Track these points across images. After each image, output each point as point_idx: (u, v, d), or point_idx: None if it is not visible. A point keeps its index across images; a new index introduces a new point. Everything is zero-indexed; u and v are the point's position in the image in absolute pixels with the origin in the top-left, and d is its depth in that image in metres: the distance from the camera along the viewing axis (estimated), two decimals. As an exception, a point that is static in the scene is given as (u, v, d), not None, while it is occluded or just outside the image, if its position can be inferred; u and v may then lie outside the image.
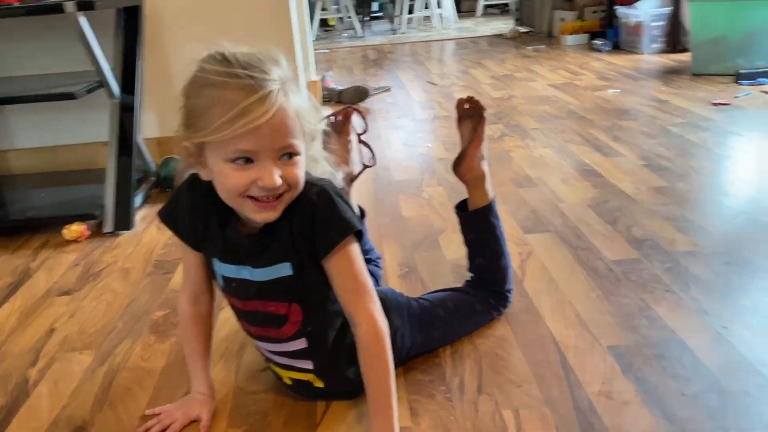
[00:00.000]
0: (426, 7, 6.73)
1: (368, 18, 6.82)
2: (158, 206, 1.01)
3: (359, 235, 0.89)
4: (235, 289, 0.92)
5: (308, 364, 0.95)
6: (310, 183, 0.86)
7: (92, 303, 1.37)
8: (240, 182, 0.80)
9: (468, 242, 1.22)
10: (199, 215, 0.91)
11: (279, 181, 0.80)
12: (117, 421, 0.99)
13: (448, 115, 2.71)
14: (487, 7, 7.65)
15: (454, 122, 1.27)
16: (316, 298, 0.91)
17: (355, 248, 0.88)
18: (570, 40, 4.54)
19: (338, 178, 0.94)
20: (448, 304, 1.11)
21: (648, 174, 1.87)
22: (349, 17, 6.50)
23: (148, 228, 1.75)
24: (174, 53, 2.10)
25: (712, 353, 1.04)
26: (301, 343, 0.93)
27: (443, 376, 1.04)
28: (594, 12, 4.73)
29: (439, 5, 6.45)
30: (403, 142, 2.42)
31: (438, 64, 4.32)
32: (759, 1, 3.01)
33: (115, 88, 1.80)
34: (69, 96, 1.60)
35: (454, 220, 1.29)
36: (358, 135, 1.32)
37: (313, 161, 0.90)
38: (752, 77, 2.91)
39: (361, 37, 6.13)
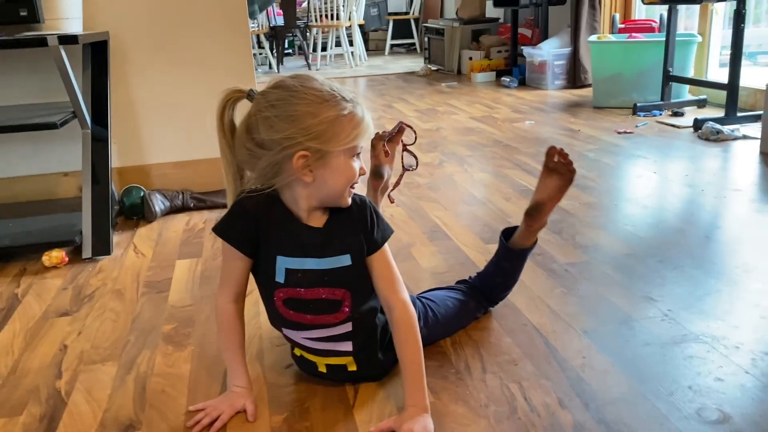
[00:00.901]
0: (338, 45, 7.00)
1: (283, 54, 6.98)
2: (126, 233, 1.11)
3: None
4: (300, 279, 1.05)
5: (348, 347, 1.09)
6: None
7: (96, 321, 1.42)
8: (353, 172, 1.02)
9: (499, 266, 1.34)
10: (253, 224, 1.03)
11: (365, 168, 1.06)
12: (163, 419, 1.07)
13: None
14: (393, 46, 8.03)
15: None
16: (365, 287, 1.07)
17: (389, 250, 1.07)
18: (480, 77, 4.91)
19: None
20: (449, 302, 1.28)
21: (578, 192, 2.13)
22: (262, 53, 6.65)
23: (126, 253, 1.81)
24: (135, 85, 2.17)
25: (662, 329, 1.27)
26: (347, 327, 1.08)
27: (450, 361, 1.20)
28: (499, 52, 5.14)
29: (351, 44, 6.72)
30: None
31: (360, 98, 4.53)
32: (649, 44, 3.45)
33: (88, 118, 1.85)
34: (51, 126, 1.65)
35: (420, 236, 1.46)
36: (405, 145, 1.44)
37: None
38: (647, 109, 3.32)
39: (276, 72, 6.28)
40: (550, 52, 4.26)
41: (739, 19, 2.81)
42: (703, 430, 0.98)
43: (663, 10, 3.65)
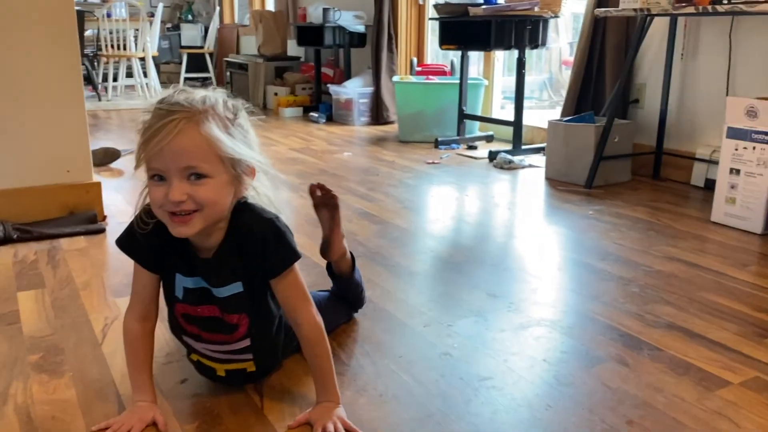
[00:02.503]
0: (129, 76, 6.70)
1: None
2: None
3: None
4: (197, 297, 1.06)
5: (248, 356, 1.13)
6: (259, 215, 1.03)
7: (-59, 359, 1.28)
8: (156, 197, 0.94)
9: (339, 287, 1.44)
10: (157, 239, 1.03)
11: (181, 197, 0.92)
12: (63, 443, 1.02)
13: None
14: (187, 79, 7.88)
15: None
16: (262, 308, 1.10)
17: (297, 269, 1.06)
18: (288, 112, 5.07)
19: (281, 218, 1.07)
20: (326, 299, 1.38)
21: (409, 212, 2.36)
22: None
23: (-50, 288, 1.62)
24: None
25: (510, 318, 1.49)
26: (245, 343, 1.11)
27: (340, 355, 1.29)
28: (303, 89, 5.36)
29: (145, 75, 6.48)
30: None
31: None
32: (446, 85, 3.88)
33: None
34: None
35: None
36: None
37: (254, 190, 1.06)
38: (447, 143, 3.72)
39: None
40: (355, 90, 4.56)
41: (521, 66, 3.31)
42: (561, 390, 1.19)
43: (454, 55, 4.12)
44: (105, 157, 3.16)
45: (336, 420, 1.05)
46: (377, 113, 4.62)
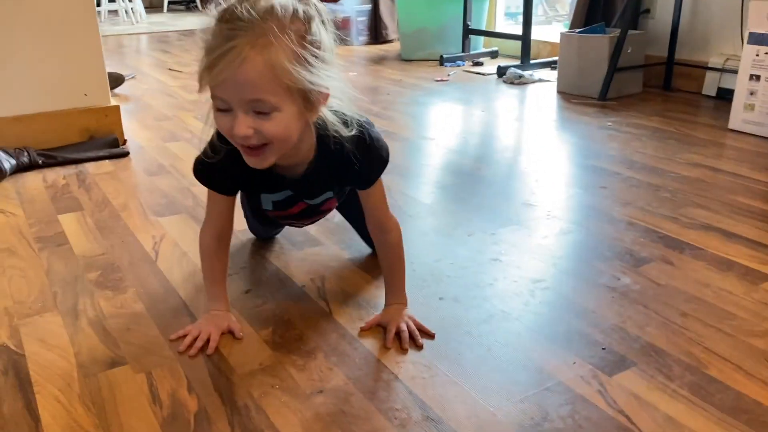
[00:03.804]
0: (111, 1, 6.47)
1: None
2: None
3: None
4: (286, 204, 1.10)
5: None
6: (346, 125, 0.97)
7: (2, 279, 1.29)
8: (223, 127, 0.88)
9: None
10: (236, 168, 0.98)
11: (246, 131, 0.85)
12: (146, 351, 1.05)
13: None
14: (171, 2, 7.62)
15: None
16: (348, 194, 1.17)
17: (381, 179, 1.07)
18: (282, 33, 4.94)
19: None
20: None
21: (429, 129, 2.36)
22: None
23: (-12, 213, 1.62)
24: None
25: (552, 226, 1.53)
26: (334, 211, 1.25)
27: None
28: (297, 8, 5.20)
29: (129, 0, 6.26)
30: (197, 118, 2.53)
31: (164, 54, 4.32)
32: (449, 0, 3.79)
33: None
34: None
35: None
36: None
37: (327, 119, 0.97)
38: (452, 60, 3.67)
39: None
40: (353, 8, 4.44)
41: (529, -22, 3.23)
42: (614, 289, 1.23)
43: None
44: (109, 82, 3.08)
45: (407, 320, 1.09)
46: (376, 32, 4.53)
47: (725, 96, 2.68)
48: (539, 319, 1.13)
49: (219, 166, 1.01)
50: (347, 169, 1.02)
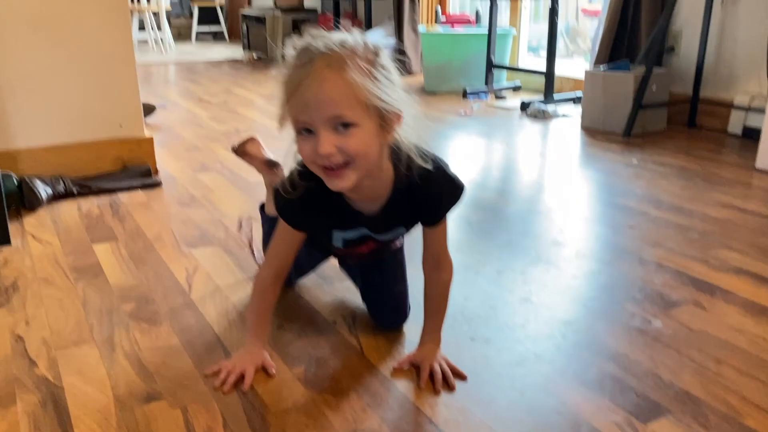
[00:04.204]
0: (141, 29, 6.62)
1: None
2: (11, 223, 1.04)
3: None
4: (358, 242, 1.12)
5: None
6: (427, 166, 0.99)
7: (40, 309, 1.32)
8: (306, 152, 0.91)
9: None
10: (314, 203, 1.01)
11: (330, 148, 0.88)
12: (181, 386, 1.06)
13: (240, 127, 2.92)
14: (199, 33, 7.78)
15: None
16: None
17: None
18: (307, 64, 5.02)
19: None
20: None
21: (453, 163, 2.37)
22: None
23: (25, 242, 1.65)
24: (1, 64, 1.96)
25: (581, 266, 1.53)
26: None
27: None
28: (322, 40, 5.28)
29: (159, 28, 6.40)
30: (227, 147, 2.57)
31: (193, 84, 4.40)
32: (474, 36, 3.83)
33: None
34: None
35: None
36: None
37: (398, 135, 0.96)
38: (476, 93, 3.71)
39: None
40: (377, 41, 4.50)
41: (553, 14, 3.27)
42: (646, 333, 1.23)
43: (477, 4, 4.06)
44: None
45: (441, 360, 1.09)
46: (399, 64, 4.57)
47: (751, 135, 2.67)
48: (572, 362, 1.13)
49: (299, 202, 1.02)
50: (423, 204, 1.03)
